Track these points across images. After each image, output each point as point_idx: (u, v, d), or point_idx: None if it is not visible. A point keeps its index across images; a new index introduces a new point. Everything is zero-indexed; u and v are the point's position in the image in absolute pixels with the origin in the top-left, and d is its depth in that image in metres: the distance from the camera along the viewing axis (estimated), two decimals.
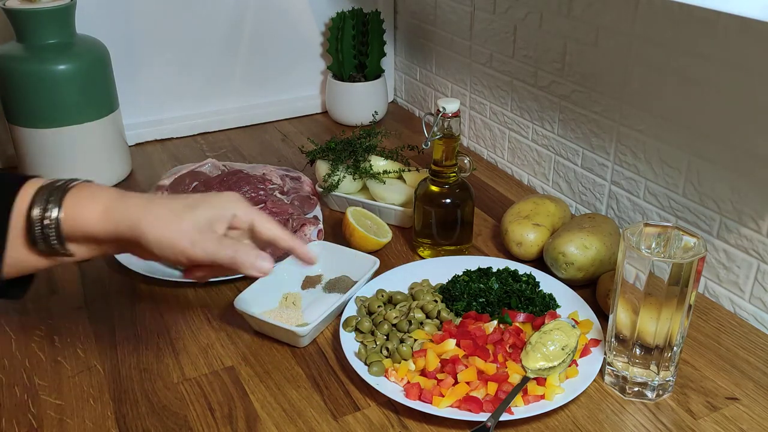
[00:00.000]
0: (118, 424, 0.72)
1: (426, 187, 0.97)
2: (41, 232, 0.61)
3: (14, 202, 0.61)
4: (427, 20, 1.43)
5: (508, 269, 0.91)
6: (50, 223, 0.61)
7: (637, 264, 0.69)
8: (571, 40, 1.06)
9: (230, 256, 0.63)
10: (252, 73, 1.48)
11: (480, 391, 0.73)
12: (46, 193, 0.62)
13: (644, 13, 0.93)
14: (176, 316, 0.89)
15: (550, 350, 0.76)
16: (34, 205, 0.61)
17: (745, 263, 0.87)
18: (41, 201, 0.61)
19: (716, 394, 0.76)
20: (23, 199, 0.62)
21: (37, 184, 0.63)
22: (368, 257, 0.93)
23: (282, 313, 0.86)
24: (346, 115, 1.47)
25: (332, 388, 0.77)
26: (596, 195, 1.09)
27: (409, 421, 0.72)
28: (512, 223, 0.97)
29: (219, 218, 0.65)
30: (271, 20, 1.45)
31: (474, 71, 1.32)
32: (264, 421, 0.73)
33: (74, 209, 0.62)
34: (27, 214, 0.61)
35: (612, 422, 0.72)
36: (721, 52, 0.83)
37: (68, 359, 0.82)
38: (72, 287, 0.94)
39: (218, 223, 0.65)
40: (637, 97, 0.97)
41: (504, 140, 1.28)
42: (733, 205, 0.87)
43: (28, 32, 1.10)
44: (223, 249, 0.63)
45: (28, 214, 0.61)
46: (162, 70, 1.39)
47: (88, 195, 0.63)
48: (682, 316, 0.71)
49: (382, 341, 0.80)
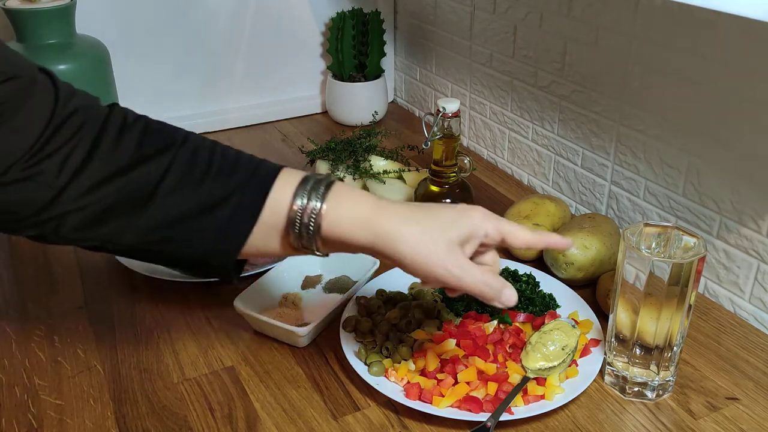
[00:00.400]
0: (118, 424, 0.72)
1: (426, 187, 0.97)
2: (299, 223, 0.62)
3: (270, 190, 0.62)
4: (427, 20, 1.43)
5: (508, 269, 0.91)
6: (312, 216, 0.62)
7: (637, 264, 0.69)
8: (571, 40, 1.06)
9: (479, 289, 0.63)
10: (252, 73, 1.48)
11: (480, 391, 0.73)
12: (309, 185, 0.63)
13: (644, 13, 0.93)
14: (176, 316, 0.89)
15: (550, 350, 0.76)
16: (297, 196, 0.62)
17: (745, 263, 0.87)
18: (303, 193, 0.62)
19: (716, 394, 0.76)
20: (282, 188, 0.63)
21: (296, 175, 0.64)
22: (368, 257, 0.93)
23: (282, 313, 0.86)
24: (346, 115, 1.47)
25: (332, 388, 0.77)
26: (596, 195, 1.09)
27: (409, 421, 0.72)
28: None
29: (471, 239, 0.64)
30: (271, 20, 1.45)
31: (474, 71, 1.32)
32: (264, 421, 0.73)
33: (336, 210, 0.62)
34: (290, 204, 0.62)
35: (612, 422, 0.72)
36: (721, 52, 0.83)
37: (68, 359, 0.82)
38: (72, 287, 0.94)
39: (470, 244, 0.64)
40: (637, 97, 0.97)
41: (504, 140, 1.28)
42: (733, 205, 0.87)
43: (28, 32, 1.10)
44: (473, 281, 0.63)
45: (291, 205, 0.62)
46: (162, 70, 1.39)
47: (350, 199, 0.63)
48: (682, 316, 0.71)
49: (382, 341, 0.80)
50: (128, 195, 0.61)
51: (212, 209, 0.62)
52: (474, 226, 0.64)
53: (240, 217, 0.62)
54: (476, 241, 0.65)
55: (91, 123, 0.62)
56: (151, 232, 0.62)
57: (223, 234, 0.63)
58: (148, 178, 0.61)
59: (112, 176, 0.61)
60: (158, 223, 0.62)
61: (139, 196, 0.61)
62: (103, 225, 0.61)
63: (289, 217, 0.62)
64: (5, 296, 0.93)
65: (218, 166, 0.63)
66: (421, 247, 0.62)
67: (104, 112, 0.64)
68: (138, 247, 0.64)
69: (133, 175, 0.61)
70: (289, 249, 0.65)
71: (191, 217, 0.62)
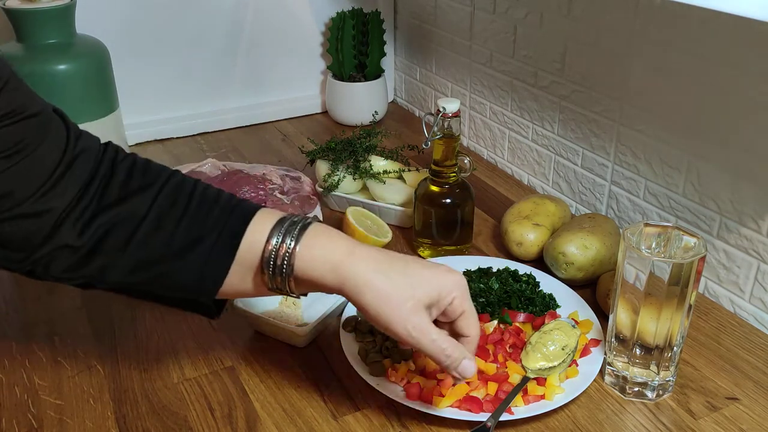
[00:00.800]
0: (118, 424, 0.72)
1: (426, 187, 0.97)
2: (273, 264, 0.62)
3: (246, 230, 0.63)
4: (427, 20, 1.43)
5: (508, 269, 0.91)
6: (286, 257, 0.62)
7: (637, 264, 0.69)
8: (571, 40, 1.06)
9: (436, 356, 0.63)
10: (252, 73, 1.48)
11: (480, 391, 0.73)
12: (285, 226, 0.63)
13: (644, 13, 0.93)
14: (176, 316, 0.88)
15: (550, 350, 0.76)
16: (272, 236, 0.62)
17: (745, 263, 0.87)
18: (279, 233, 0.62)
19: (716, 394, 0.76)
20: (258, 228, 0.63)
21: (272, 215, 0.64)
22: None
23: (282, 313, 0.86)
24: (346, 115, 1.47)
25: (332, 388, 0.77)
26: (596, 195, 1.09)
27: (409, 421, 0.72)
28: (512, 223, 0.97)
29: (438, 303, 0.64)
30: (271, 20, 1.45)
31: (474, 71, 1.32)
32: (264, 421, 0.73)
33: (309, 251, 0.62)
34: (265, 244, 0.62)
35: (612, 422, 0.72)
36: (721, 52, 0.83)
37: (68, 359, 0.82)
38: (72, 287, 0.94)
39: (435, 308, 0.64)
40: (637, 97, 0.97)
41: (504, 140, 1.28)
42: (733, 205, 0.87)
43: (28, 32, 1.10)
44: (430, 346, 0.62)
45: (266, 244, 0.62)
46: (162, 69, 1.39)
47: (324, 240, 0.63)
48: (682, 316, 0.71)
49: (382, 341, 0.80)
50: (113, 233, 0.62)
51: (191, 248, 0.63)
52: (443, 291, 0.63)
53: (217, 257, 0.63)
54: (442, 307, 0.64)
55: (91, 163, 0.64)
56: (133, 272, 0.63)
57: (201, 274, 0.63)
58: (131, 215, 0.63)
59: (99, 213, 0.62)
60: (138, 262, 0.63)
61: (122, 235, 0.62)
62: (88, 264, 0.63)
63: (264, 256, 0.62)
64: (5, 296, 0.93)
65: (197, 205, 0.64)
66: (386, 302, 0.61)
67: (101, 152, 0.66)
68: (121, 286, 0.66)
69: (117, 211, 0.63)
70: (264, 290, 0.65)
71: (171, 256, 0.63)
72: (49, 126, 0.61)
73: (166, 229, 0.63)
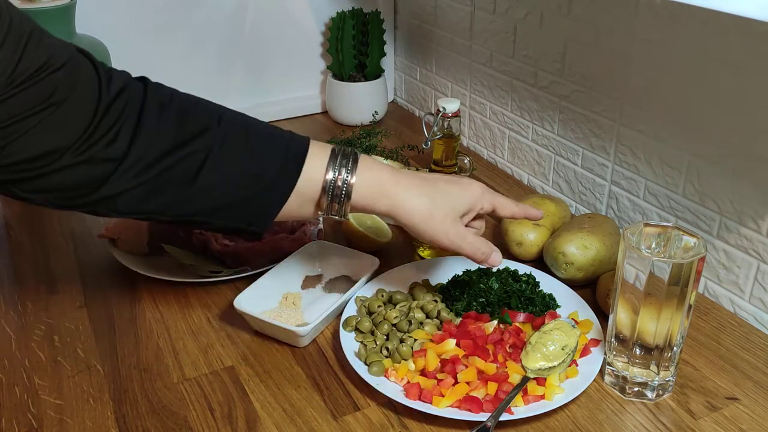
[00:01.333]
0: (118, 424, 0.72)
1: None
2: (332, 194, 0.71)
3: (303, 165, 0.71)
4: (427, 20, 1.43)
5: (508, 269, 0.91)
6: (344, 188, 0.71)
7: (637, 264, 0.69)
8: (571, 40, 1.06)
9: (473, 254, 0.76)
10: (252, 73, 1.48)
11: (480, 391, 0.73)
12: (338, 159, 0.72)
13: (644, 13, 0.93)
14: (176, 316, 0.89)
15: (550, 350, 0.76)
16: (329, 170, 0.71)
17: (745, 263, 0.87)
18: (335, 167, 0.71)
19: (716, 394, 0.76)
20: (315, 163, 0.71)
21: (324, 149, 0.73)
22: (368, 257, 0.93)
23: (282, 313, 0.86)
24: (346, 115, 1.47)
25: (332, 388, 0.77)
26: (596, 195, 1.09)
27: (409, 421, 0.72)
28: (512, 223, 0.97)
29: (471, 211, 0.77)
30: (271, 20, 1.45)
31: (474, 71, 1.32)
32: (264, 421, 0.73)
33: (361, 182, 0.72)
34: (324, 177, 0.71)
35: (612, 422, 0.72)
36: (721, 52, 0.83)
37: (68, 359, 0.82)
38: (72, 287, 0.94)
39: (468, 215, 0.77)
40: (637, 97, 0.97)
41: (504, 140, 1.28)
42: (733, 205, 0.87)
43: None
44: (469, 248, 0.76)
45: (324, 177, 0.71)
46: (162, 69, 1.38)
47: (372, 171, 0.73)
48: (682, 316, 0.71)
49: (382, 341, 0.80)
50: (175, 175, 0.67)
51: (251, 185, 0.70)
52: (474, 200, 0.76)
53: (277, 190, 0.71)
54: (474, 213, 0.77)
55: (132, 104, 0.66)
56: (197, 207, 0.69)
57: (261, 206, 0.71)
58: (192, 159, 0.67)
59: (160, 158, 0.66)
60: (203, 199, 0.69)
61: (185, 176, 0.67)
62: (151, 202, 0.67)
63: (324, 188, 0.71)
64: (5, 296, 0.93)
65: (253, 143, 0.71)
66: (430, 219, 0.73)
67: (141, 90, 0.68)
68: (182, 218, 0.71)
69: (178, 156, 0.67)
70: (317, 214, 0.74)
71: (233, 192, 0.69)
72: (78, 73, 0.63)
73: (227, 168, 0.69)
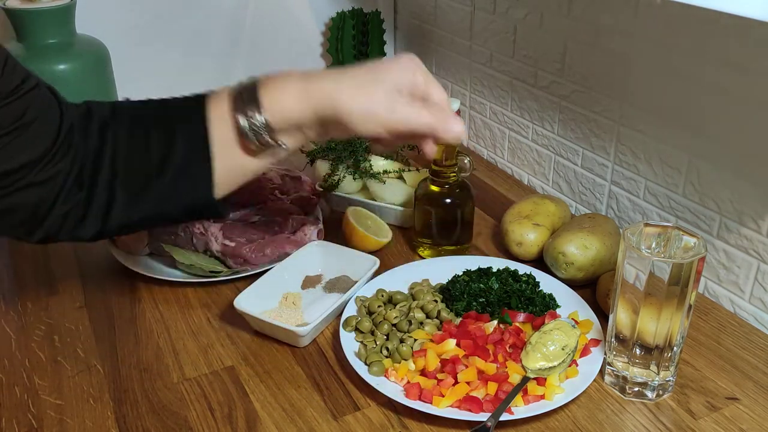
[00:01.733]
0: (118, 424, 0.72)
1: (426, 187, 0.97)
2: (250, 132, 0.67)
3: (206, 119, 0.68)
4: (427, 20, 1.43)
5: (508, 269, 0.91)
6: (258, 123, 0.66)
7: (637, 264, 0.69)
8: (571, 40, 1.06)
9: (427, 123, 0.67)
10: (252, 72, 1.47)
11: (480, 391, 0.73)
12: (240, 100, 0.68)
13: (644, 13, 0.93)
14: (176, 316, 0.89)
15: (550, 350, 0.76)
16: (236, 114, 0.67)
17: (745, 263, 0.87)
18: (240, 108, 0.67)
19: (716, 394, 0.76)
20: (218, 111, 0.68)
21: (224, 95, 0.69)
22: (368, 257, 0.93)
23: (282, 313, 0.86)
24: None
25: (332, 388, 0.77)
26: (596, 195, 1.09)
27: (409, 421, 0.72)
28: (512, 223, 0.97)
29: (404, 84, 0.68)
30: (271, 20, 1.45)
31: (474, 71, 1.32)
32: (264, 421, 0.73)
33: (272, 102, 0.67)
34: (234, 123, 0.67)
35: (612, 422, 0.72)
36: (722, 52, 0.83)
37: (68, 359, 0.82)
38: (72, 287, 0.94)
39: (404, 89, 0.68)
40: (637, 97, 0.97)
41: (504, 140, 1.28)
42: (733, 205, 0.87)
43: (28, 32, 1.10)
44: (418, 117, 0.67)
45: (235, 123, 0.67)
46: (162, 70, 1.39)
47: (279, 86, 0.68)
48: (682, 316, 0.71)
49: (382, 341, 0.80)
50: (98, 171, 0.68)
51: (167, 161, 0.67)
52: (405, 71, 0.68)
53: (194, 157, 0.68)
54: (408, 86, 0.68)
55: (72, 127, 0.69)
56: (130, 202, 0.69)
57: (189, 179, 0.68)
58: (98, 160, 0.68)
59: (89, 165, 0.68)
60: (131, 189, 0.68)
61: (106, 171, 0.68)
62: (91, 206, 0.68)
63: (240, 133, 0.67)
64: (5, 296, 0.93)
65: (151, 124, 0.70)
66: (361, 95, 0.65)
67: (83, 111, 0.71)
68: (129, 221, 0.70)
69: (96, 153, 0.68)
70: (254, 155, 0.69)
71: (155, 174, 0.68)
72: (45, 97, 0.66)
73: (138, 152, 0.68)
